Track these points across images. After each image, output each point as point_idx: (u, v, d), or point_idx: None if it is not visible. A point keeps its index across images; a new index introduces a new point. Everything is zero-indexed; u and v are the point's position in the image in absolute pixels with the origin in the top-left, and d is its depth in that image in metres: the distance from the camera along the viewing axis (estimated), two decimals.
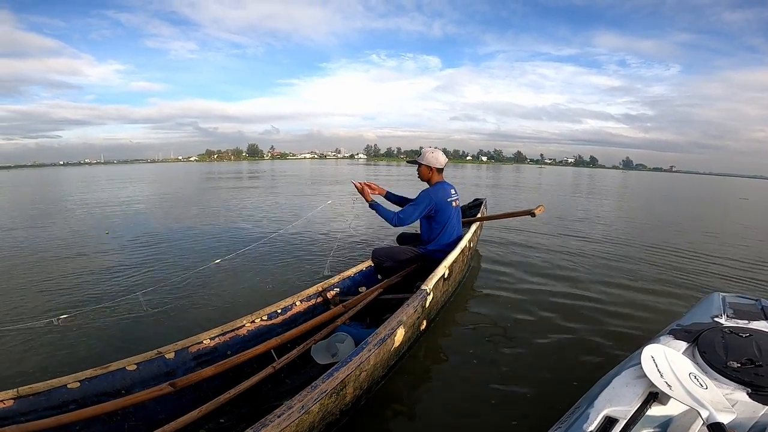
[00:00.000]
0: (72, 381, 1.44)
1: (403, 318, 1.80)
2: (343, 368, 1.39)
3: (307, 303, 2.34)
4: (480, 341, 2.30)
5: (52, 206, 9.39)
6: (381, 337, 1.63)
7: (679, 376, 0.92)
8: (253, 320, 2.02)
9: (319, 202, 5.54)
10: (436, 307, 2.36)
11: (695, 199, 15.76)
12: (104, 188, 14.73)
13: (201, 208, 8.27)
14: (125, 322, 2.49)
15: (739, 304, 1.41)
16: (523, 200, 10.53)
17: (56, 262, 3.98)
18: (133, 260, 3.99)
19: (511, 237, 5.11)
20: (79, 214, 7.57)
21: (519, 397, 1.76)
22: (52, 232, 5.73)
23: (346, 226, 5.20)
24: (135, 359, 1.60)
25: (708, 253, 4.67)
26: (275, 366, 1.70)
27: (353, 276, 2.67)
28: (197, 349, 1.78)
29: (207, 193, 12.16)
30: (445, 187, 2.79)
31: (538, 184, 18.52)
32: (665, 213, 9.34)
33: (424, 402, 1.79)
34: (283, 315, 2.18)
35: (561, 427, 0.97)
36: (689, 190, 23.13)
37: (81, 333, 2.35)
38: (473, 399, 1.76)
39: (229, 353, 1.85)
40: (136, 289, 2.84)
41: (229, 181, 17.60)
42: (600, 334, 2.36)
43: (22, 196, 12.70)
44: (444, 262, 2.40)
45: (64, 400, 1.41)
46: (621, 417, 0.86)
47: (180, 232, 5.50)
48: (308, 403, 1.20)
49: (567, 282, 3.33)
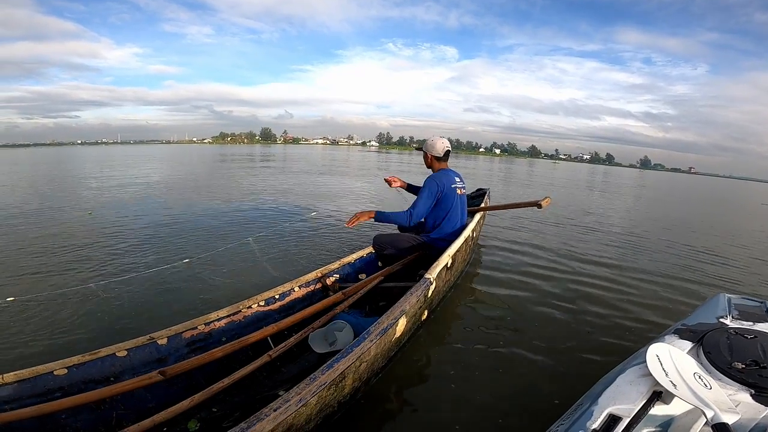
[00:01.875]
0: (59, 367, 1.40)
1: (406, 307, 1.75)
2: (343, 359, 1.33)
3: (306, 289, 2.30)
4: (481, 332, 2.26)
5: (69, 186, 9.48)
6: (383, 327, 1.58)
7: (683, 376, 0.91)
8: (249, 306, 1.98)
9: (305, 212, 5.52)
10: (438, 296, 2.32)
11: (714, 201, 15.32)
12: (124, 168, 14.81)
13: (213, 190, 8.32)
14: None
15: (744, 306, 1.41)
16: (531, 195, 10.36)
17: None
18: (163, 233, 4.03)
19: (516, 228, 5.06)
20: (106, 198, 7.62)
21: (520, 390, 1.74)
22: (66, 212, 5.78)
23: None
24: (126, 345, 1.55)
25: (728, 256, 4.54)
26: (272, 354, 1.66)
27: (353, 262, 2.63)
28: (191, 335, 1.74)
29: (224, 176, 12.15)
30: (449, 173, 2.75)
31: (550, 180, 18.16)
32: (683, 215, 9.09)
33: (424, 394, 1.75)
34: (281, 301, 2.14)
35: (564, 423, 0.96)
36: (708, 192, 22.52)
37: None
38: (474, 391, 1.73)
39: (224, 339, 1.82)
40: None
41: (243, 162, 17.64)
42: (604, 329, 2.35)
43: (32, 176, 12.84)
44: (448, 251, 2.36)
45: (50, 387, 1.37)
46: (624, 415, 0.86)
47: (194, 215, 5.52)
48: (306, 396, 1.16)
49: (570, 275, 3.29)
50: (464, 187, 2.86)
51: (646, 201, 11.90)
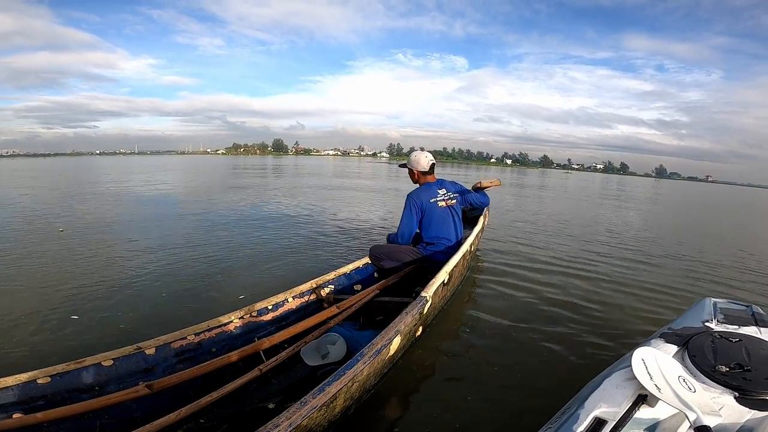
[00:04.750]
0: (42, 376, 1.37)
1: (401, 327, 1.71)
2: (335, 382, 1.30)
3: (299, 300, 2.28)
4: (475, 347, 2.23)
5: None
6: (377, 348, 1.54)
7: (668, 379, 0.92)
8: (241, 316, 1.96)
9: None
10: (433, 312, 2.29)
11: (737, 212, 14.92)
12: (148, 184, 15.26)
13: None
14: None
15: (730, 310, 1.41)
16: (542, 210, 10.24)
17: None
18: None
19: (514, 239, 5.05)
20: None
21: (511, 403, 1.72)
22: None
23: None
24: (112, 354, 1.53)
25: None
26: (262, 369, 1.62)
27: (349, 273, 2.61)
28: (180, 345, 1.71)
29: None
30: (431, 188, 2.77)
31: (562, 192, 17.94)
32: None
33: (415, 409, 1.73)
34: (273, 312, 2.12)
35: (551, 427, 0.97)
36: (728, 200, 21.94)
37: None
38: (466, 406, 1.70)
39: (214, 350, 1.80)
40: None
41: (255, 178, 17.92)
42: (598, 336, 2.35)
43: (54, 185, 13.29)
44: (445, 266, 2.33)
45: (33, 396, 1.35)
46: (610, 418, 0.87)
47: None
48: (296, 420, 1.13)
49: (568, 289, 3.24)
50: (454, 197, 2.83)
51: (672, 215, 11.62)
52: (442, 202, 2.75)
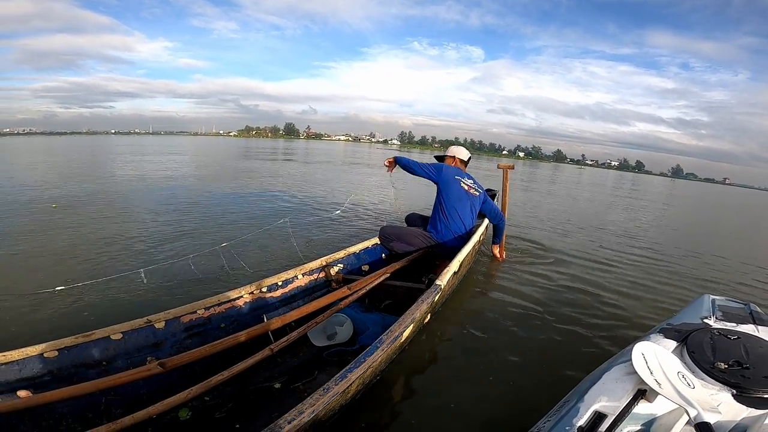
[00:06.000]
0: (50, 349, 1.33)
1: (417, 315, 1.71)
2: (356, 369, 1.30)
3: (309, 277, 2.27)
4: (479, 334, 2.24)
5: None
6: (394, 335, 1.54)
7: (667, 375, 0.92)
8: (251, 291, 1.96)
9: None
10: (441, 300, 2.30)
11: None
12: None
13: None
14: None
15: (728, 307, 1.42)
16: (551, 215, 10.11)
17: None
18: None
19: (522, 231, 5.00)
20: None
21: (514, 390, 1.74)
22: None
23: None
24: (121, 327, 1.49)
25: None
26: (273, 348, 1.60)
27: (358, 253, 2.60)
28: (190, 319, 1.69)
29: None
30: (461, 172, 2.80)
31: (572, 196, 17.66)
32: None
33: (421, 394, 1.74)
34: (282, 288, 2.11)
35: (550, 420, 0.97)
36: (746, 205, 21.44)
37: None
38: (470, 392, 1.72)
39: (223, 326, 1.80)
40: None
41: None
42: (600, 328, 2.36)
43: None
44: (457, 256, 2.33)
45: (39, 371, 1.31)
46: (610, 413, 0.87)
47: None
48: (319, 407, 1.14)
49: (574, 277, 3.26)
50: (478, 191, 2.82)
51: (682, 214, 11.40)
52: (466, 186, 2.74)
